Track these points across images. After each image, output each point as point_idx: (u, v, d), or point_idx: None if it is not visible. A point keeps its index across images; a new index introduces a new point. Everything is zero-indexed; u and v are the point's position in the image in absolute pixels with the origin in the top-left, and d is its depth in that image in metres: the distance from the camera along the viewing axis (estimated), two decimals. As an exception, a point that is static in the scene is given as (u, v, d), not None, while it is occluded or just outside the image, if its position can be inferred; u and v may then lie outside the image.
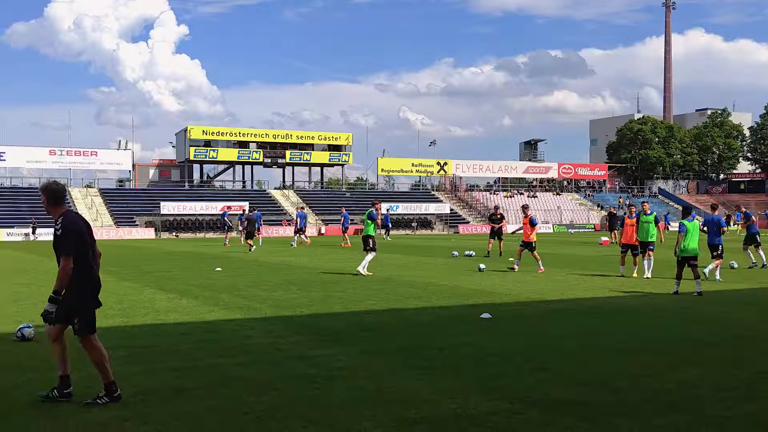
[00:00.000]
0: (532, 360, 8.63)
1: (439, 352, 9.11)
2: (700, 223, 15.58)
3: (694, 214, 15.76)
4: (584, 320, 11.95)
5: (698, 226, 15.41)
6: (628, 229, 19.22)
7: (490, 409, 6.57)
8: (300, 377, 7.79)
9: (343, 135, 79.97)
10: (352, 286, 17.18)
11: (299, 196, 73.11)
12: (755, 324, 11.46)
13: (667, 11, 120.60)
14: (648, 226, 18.77)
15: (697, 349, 9.42)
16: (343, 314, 12.57)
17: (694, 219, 15.48)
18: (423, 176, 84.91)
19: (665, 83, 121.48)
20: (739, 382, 7.52)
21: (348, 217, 41.19)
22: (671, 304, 13.79)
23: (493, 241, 28.52)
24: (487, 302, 14.01)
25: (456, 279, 18.81)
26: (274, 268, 22.98)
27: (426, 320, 11.89)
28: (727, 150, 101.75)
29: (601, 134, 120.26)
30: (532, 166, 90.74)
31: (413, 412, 6.48)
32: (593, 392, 7.13)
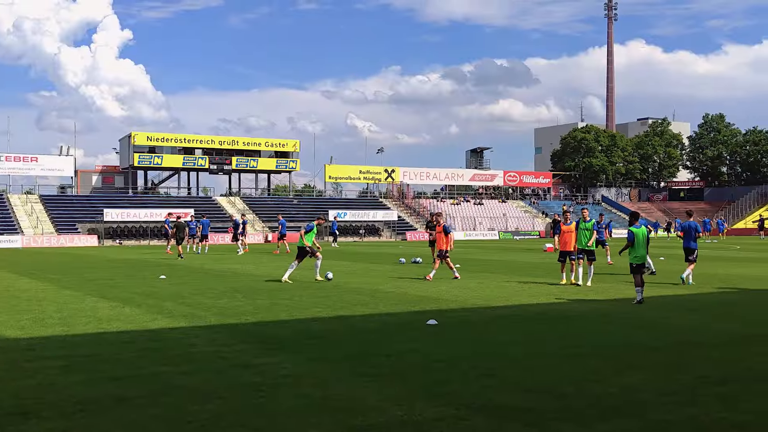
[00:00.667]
0: (478, 366, 8.66)
1: (385, 359, 9.08)
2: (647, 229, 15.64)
3: (643, 221, 15.97)
4: (529, 326, 12.04)
5: (646, 232, 15.39)
6: (564, 236, 19.03)
7: (436, 415, 6.56)
8: (245, 385, 7.68)
9: (290, 142, 79.59)
10: (298, 293, 17.06)
11: (246, 203, 72.49)
12: (697, 329, 11.68)
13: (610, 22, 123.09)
14: (587, 233, 18.72)
15: (640, 354, 9.56)
16: (289, 322, 12.47)
17: (642, 226, 15.50)
18: (371, 183, 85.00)
19: (608, 93, 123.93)
20: (681, 386, 7.65)
21: (285, 224, 41.08)
22: (615, 310, 14.00)
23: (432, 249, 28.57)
24: (433, 309, 14.04)
25: (403, 286, 18.83)
26: (219, 276, 22.71)
27: (373, 327, 11.86)
28: (668, 158, 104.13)
29: (546, 142, 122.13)
30: (479, 174, 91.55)
31: (360, 420, 6.43)
32: (538, 398, 7.17)
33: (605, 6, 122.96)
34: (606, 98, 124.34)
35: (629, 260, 15.41)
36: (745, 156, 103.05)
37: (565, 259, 19.09)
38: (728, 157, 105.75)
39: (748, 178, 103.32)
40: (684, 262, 19.54)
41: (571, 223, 19.12)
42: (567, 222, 19.21)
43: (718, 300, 15.69)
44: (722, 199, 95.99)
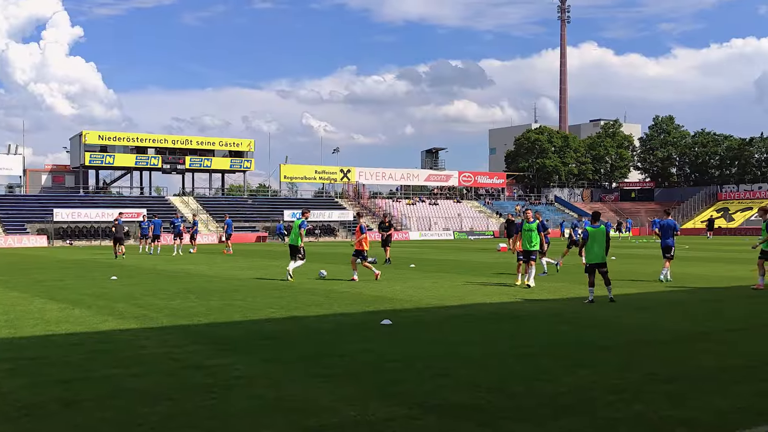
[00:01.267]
0: (432, 366, 8.68)
1: (339, 360, 9.07)
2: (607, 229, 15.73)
3: (609, 224, 16.08)
4: (483, 326, 12.13)
5: (604, 231, 15.41)
6: (521, 236, 18.98)
7: (389, 415, 6.56)
8: (196, 387, 7.60)
9: (244, 141, 78.99)
10: (251, 294, 16.94)
11: (199, 202, 71.76)
12: (646, 327, 11.87)
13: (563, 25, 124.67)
14: (531, 234, 18.61)
15: (590, 353, 9.68)
16: (243, 323, 12.37)
17: (600, 226, 15.54)
18: (326, 183, 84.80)
19: (561, 94, 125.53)
20: (629, 384, 7.76)
21: (231, 224, 41.07)
22: (566, 310, 14.16)
23: (386, 248, 28.60)
24: (388, 309, 14.06)
25: (357, 286, 18.81)
26: (172, 277, 22.45)
27: (327, 327, 11.83)
28: (619, 159, 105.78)
29: (500, 143, 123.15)
30: (434, 174, 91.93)
31: (313, 420, 6.41)
32: (491, 397, 7.22)
33: (558, 8, 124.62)
34: (559, 100, 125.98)
35: (585, 260, 15.59)
36: (694, 157, 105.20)
37: (522, 259, 18.96)
38: (678, 158, 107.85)
39: (696, 179, 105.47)
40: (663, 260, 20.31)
41: (533, 223, 18.94)
42: (530, 221, 18.96)
43: (667, 299, 15.97)
44: (672, 200, 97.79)
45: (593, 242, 15.27)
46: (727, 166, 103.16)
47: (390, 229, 28.88)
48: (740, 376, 8.11)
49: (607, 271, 15.28)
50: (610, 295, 15.23)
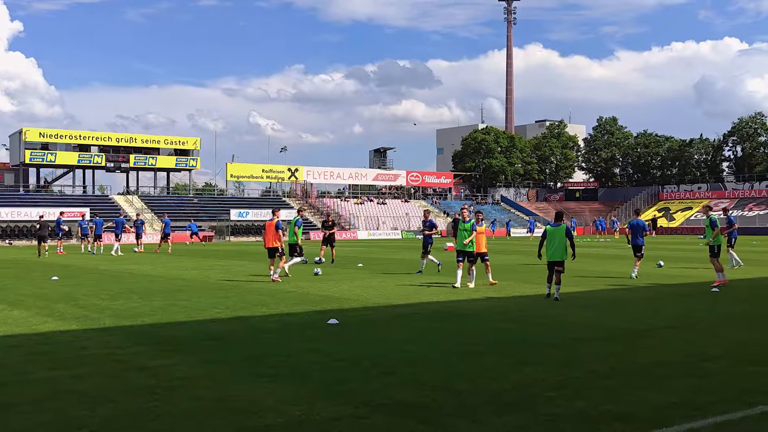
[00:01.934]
0: (379, 364, 8.71)
1: (285, 359, 9.04)
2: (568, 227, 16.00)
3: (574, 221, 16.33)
4: (429, 324, 12.20)
5: (564, 231, 15.65)
6: (477, 237, 18.68)
7: (335, 414, 6.57)
8: (139, 389, 7.50)
9: (190, 139, 78.06)
10: (196, 294, 16.77)
11: (144, 201, 70.71)
12: (589, 325, 12.08)
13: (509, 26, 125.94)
14: (465, 234, 18.44)
15: (534, 350, 9.81)
16: (187, 323, 12.24)
17: (561, 225, 15.79)
18: (274, 182, 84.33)
19: (507, 95, 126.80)
20: (570, 380, 7.90)
21: (169, 223, 40.82)
22: (512, 308, 14.34)
23: (325, 248, 28.47)
24: (335, 308, 14.05)
25: (304, 286, 18.76)
26: (115, 277, 22.09)
27: (273, 327, 11.77)
28: (564, 160, 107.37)
29: (448, 143, 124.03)
30: (382, 174, 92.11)
31: (256, 421, 6.38)
32: (436, 395, 7.27)
33: (504, 10, 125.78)
34: (505, 100, 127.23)
35: (545, 258, 15.89)
36: (637, 158, 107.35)
37: (475, 260, 18.71)
38: (621, 158, 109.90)
39: (639, 179, 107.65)
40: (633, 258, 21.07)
41: (482, 225, 18.95)
42: (479, 222, 18.90)
43: (609, 297, 16.26)
44: (615, 200, 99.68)
45: (552, 241, 15.60)
46: (668, 167, 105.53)
47: (333, 228, 28.76)
48: (676, 372, 8.31)
49: (562, 270, 15.57)
50: (556, 294, 15.47)
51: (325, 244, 28.55)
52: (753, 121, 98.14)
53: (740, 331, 11.34)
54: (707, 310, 13.93)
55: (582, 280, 20.22)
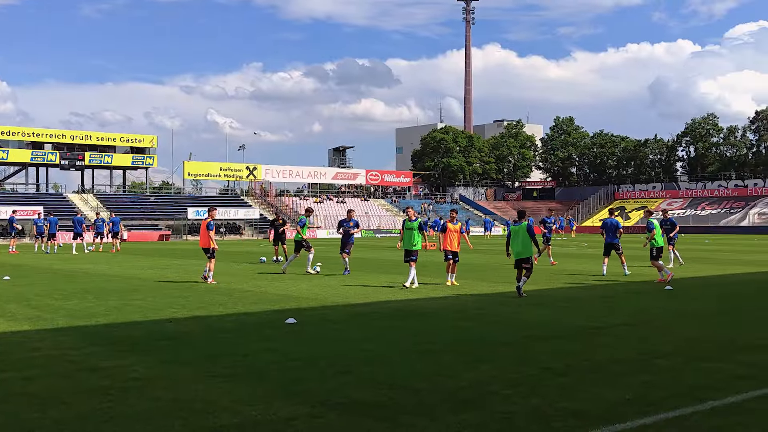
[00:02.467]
0: (336, 364, 8.70)
1: (241, 359, 8.98)
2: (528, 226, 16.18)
3: (531, 220, 16.61)
4: (387, 323, 12.22)
5: (525, 228, 15.87)
6: (449, 235, 18.40)
7: (291, 414, 6.54)
8: (92, 390, 7.39)
9: (147, 137, 77.12)
10: (152, 294, 16.58)
11: (99, 200, 69.66)
12: (545, 323, 12.19)
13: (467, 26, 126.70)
14: (412, 233, 18.29)
15: (491, 348, 9.88)
16: (143, 323, 12.09)
17: (522, 223, 16.04)
18: (232, 181, 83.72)
19: (465, 95, 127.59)
20: (526, 378, 7.97)
21: (119, 222, 40.59)
22: (471, 306, 14.41)
23: (278, 247, 28.07)
24: (293, 307, 14.00)
25: (263, 285, 18.66)
26: (69, 276, 21.73)
27: (229, 327, 11.68)
28: (522, 159, 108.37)
29: (407, 142, 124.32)
30: (341, 172, 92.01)
31: (212, 421, 6.33)
32: (394, 393, 7.28)
33: (463, 10, 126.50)
34: (464, 100, 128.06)
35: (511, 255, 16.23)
36: (593, 158, 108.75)
37: (450, 258, 18.43)
38: (577, 158, 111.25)
39: (595, 178, 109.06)
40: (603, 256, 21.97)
41: (458, 223, 18.62)
42: (454, 221, 18.63)
43: (565, 295, 16.45)
44: (572, 199, 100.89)
45: (515, 239, 15.96)
46: (623, 167, 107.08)
47: (284, 226, 28.50)
48: (630, 369, 8.44)
49: (529, 266, 15.94)
50: (520, 284, 15.79)
51: (277, 243, 28.11)
52: (705, 122, 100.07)
53: (692, 329, 11.55)
54: (660, 308, 14.15)
55: (538, 278, 20.39)
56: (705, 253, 35.19)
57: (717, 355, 9.30)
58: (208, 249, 19.61)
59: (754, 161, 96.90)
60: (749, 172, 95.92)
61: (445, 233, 18.58)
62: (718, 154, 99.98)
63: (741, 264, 26.74)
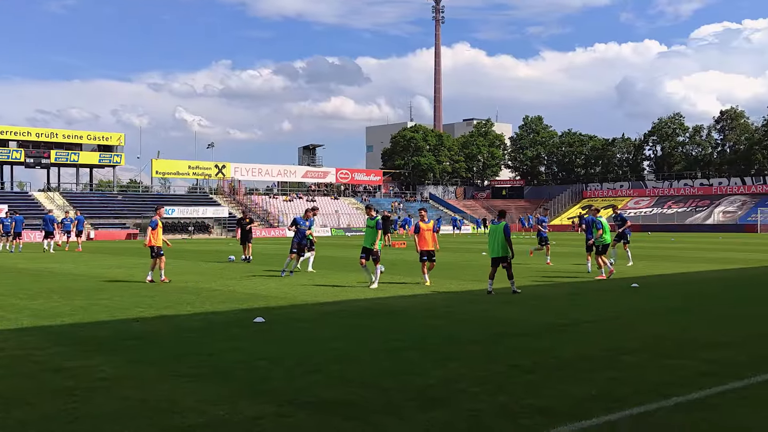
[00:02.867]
0: (304, 362, 8.68)
1: (208, 359, 8.93)
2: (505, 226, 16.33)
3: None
4: (356, 321, 12.22)
5: (503, 228, 16.04)
6: (423, 235, 18.18)
7: (258, 413, 6.52)
8: (57, 390, 7.30)
9: (114, 135, 76.32)
10: (119, 293, 16.42)
11: (66, 198, 68.82)
12: (514, 321, 12.27)
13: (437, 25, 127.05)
14: (370, 231, 18.05)
15: (460, 346, 9.92)
16: (109, 322, 11.98)
17: (501, 222, 16.20)
18: (200, 179, 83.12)
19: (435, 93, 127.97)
20: (493, 375, 8.02)
21: (83, 221, 40.14)
22: (439, 304, 14.46)
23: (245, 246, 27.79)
24: (261, 306, 13.95)
25: (231, 284, 18.57)
26: (34, 276, 21.45)
27: (197, 326, 11.61)
28: (491, 158, 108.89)
29: (377, 141, 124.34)
30: (311, 171, 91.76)
31: (179, 421, 6.29)
32: (362, 392, 7.29)
33: (433, 9, 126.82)
34: (434, 99, 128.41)
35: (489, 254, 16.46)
36: (561, 157, 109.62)
37: (427, 258, 18.27)
38: (546, 157, 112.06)
39: (563, 177, 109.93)
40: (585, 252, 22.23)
41: (430, 222, 18.40)
42: (425, 220, 18.44)
43: (533, 293, 16.56)
44: (541, 197, 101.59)
45: (494, 237, 16.15)
46: (591, 165, 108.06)
47: (251, 224, 28.31)
48: (597, 366, 8.52)
49: (508, 265, 16.12)
50: (513, 287, 16.09)
51: (244, 243, 27.80)
52: (672, 121, 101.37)
53: (657, 326, 11.69)
54: (626, 305, 14.31)
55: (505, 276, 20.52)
56: (671, 251, 35.65)
57: (681, 352, 9.42)
58: (153, 248, 19.23)
59: (718, 160, 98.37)
60: (714, 171, 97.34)
61: (419, 233, 18.30)
62: (684, 153, 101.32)
63: (706, 262, 27.13)
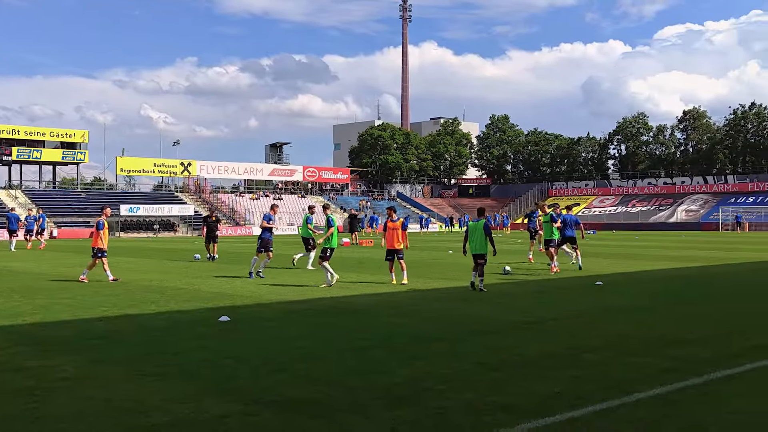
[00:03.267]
0: (270, 361, 8.66)
1: (173, 358, 8.86)
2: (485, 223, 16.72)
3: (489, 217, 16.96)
4: (322, 320, 12.20)
5: (482, 226, 16.40)
6: (390, 234, 18.12)
7: (224, 412, 6.49)
8: (17, 391, 7.20)
9: (78, 132, 75.32)
10: (81, 292, 16.22)
11: (28, 196, 67.75)
12: (480, 319, 12.33)
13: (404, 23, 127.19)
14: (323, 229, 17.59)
15: (425, 344, 9.95)
16: (72, 322, 11.83)
17: (480, 220, 16.58)
18: (166, 177, 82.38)
19: (402, 92, 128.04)
20: (460, 373, 8.06)
21: (45, 218, 39.78)
22: (405, 303, 14.49)
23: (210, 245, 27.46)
24: (227, 305, 13.87)
25: (196, 283, 18.44)
26: (-5, 274, 21.09)
27: (162, 325, 11.52)
28: (458, 157, 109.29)
29: (344, 139, 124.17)
30: (278, 169, 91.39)
31: (143, 420, 6.23)
32: (328, 390, 7.28)
33: (400, 7, 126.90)
34: (401, 97, 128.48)
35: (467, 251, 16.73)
36: (527, 155, 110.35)
37: (393, 258, 18.09)
38: (512, 156, 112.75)
39: (529, 176, 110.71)
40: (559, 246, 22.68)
41: (398, 220, 18.26)
42: (393, 219, 18.30)
43: (499, 291, 16.65)
44: (507, 196, 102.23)
45: (474, 235, 16.45)
46: (557, 164, 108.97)
47: (218, 223, 28.01)
48: (561, 363, 8.60)
49: (484, 263, 16.41)
50: (480, 285, 16.30)
51: (209, 241, 27.43)
52: (636, 121, 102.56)
53: (620, 324, 11.83)
54: (591, 303, 14.45)
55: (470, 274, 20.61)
56: (635, 249, 36.07)
57: (644, 349, 9.53)
58: (94, 249, 18.96)
59: (681, 159, 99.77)
60: (677, 170, 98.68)
61: (386, 232, 18.26)
62: (647, 152, 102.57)
63: (668, 260, 27.49)
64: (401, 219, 18.67)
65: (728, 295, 16.13)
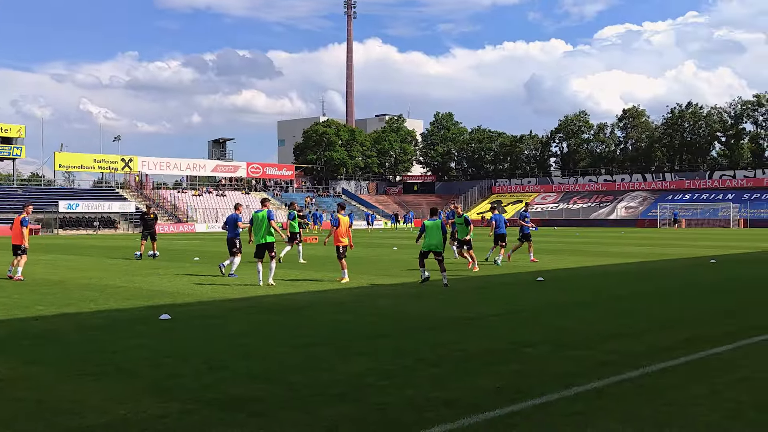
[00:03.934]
0: (211, 359, 8.57)
1: (111, 357, 8.71)
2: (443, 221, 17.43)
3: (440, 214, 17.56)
4: (264, 317, 12.13)
5: (440, 224, 16.94)
6: (341, 231, 17.86)
7: (162, 411, 6.40)
8: (-53, 393, 6.99)
9: (14, 126, 73.43)
10: (17, 290, 15.83)
11: (-38, 192, 65.84)
12: (421, 315, 12.39)
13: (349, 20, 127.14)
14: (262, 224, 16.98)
15: (368, 341, 9.96)
16: (6, 321, 11.54)
17: (436, 219, 17.07)
18: (106, 173, 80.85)
19: (347, 88, 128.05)
20: (402, 369, 8.09)
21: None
22: (348, 300, 14.48)
23: (146, 242, 26.96)
24: (168, 303, 13.68)
25: (137, 280, 18.14)
26: (-74, 273, 20.42)
27: (101, 324, 11.31)
28: (403, 154, 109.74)
29: (289, 135, 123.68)
30: (221, 165, 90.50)
31: (77, 422, 6.11)
32: (268, 388, 7.24)
33: (345, 4, 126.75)
34: (346, 94, 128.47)
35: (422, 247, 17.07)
36: (471, 153, 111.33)
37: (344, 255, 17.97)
38: (456, 153, 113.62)
39: (473, 173, 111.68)
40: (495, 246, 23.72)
41: (345, 217, 18.11)
42: (343, 213, 18.22)
43: (441, 287, 16.74)
44: (451, 193, 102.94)
45: (430, 233, 16.92)
46: (500, 162, 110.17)
47: (155, 221, 27.49)
48: (501, 358, 8.69)
49: (442, 259, 16.88)
50: (444, 281, 16.57)
51: (146, 238, 26.87)
52: (577, 119, 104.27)
53: (559, 319, 12.00)
54: (531, 299, 14.64)
55: (415, 271, 20.70)
56: (576, 245, 36.66)
57: (583, 343, 9.69)
58: (20, 246, 18.60)
59: (621, 157, 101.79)
60: (617, 168, 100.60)
61: (338, 228, 17.94)
62: (588, 150, 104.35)
63: (609, 256, 28.00)
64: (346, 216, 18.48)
65: (664, 291, 16.50)
